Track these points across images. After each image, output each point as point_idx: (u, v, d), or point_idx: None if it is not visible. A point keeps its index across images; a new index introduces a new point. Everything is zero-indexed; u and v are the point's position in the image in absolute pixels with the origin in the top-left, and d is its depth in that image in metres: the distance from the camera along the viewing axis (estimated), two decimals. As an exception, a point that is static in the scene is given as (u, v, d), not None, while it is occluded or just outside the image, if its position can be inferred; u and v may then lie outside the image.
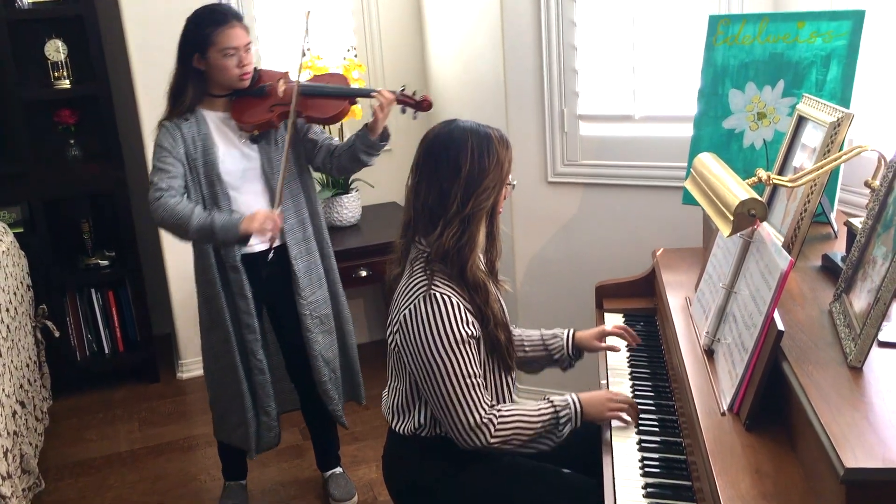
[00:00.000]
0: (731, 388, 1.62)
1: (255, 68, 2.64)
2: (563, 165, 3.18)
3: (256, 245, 2.62)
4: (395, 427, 1.96)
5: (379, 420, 3.49)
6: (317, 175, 3.59)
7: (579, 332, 2.16)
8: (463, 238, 1.83)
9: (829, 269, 1.88)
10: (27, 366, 3.07)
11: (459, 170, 1.81)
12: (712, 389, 1.70)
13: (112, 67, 3.82)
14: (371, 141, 2.62)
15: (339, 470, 3.04)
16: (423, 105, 2.67)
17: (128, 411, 3.77)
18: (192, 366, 4.03)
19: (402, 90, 2.66)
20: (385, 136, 2.65)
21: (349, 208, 3.76)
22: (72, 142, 3.89)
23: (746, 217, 1.61)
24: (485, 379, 1.90)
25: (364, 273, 3.57)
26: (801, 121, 2.07)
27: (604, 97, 3.09)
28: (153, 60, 3.64)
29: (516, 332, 2.17)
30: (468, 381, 1.82)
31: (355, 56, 3.80)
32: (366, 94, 2.72)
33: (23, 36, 3.71)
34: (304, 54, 2.67)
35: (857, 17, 2.16)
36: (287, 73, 2.69)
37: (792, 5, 2.61)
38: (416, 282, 1.85)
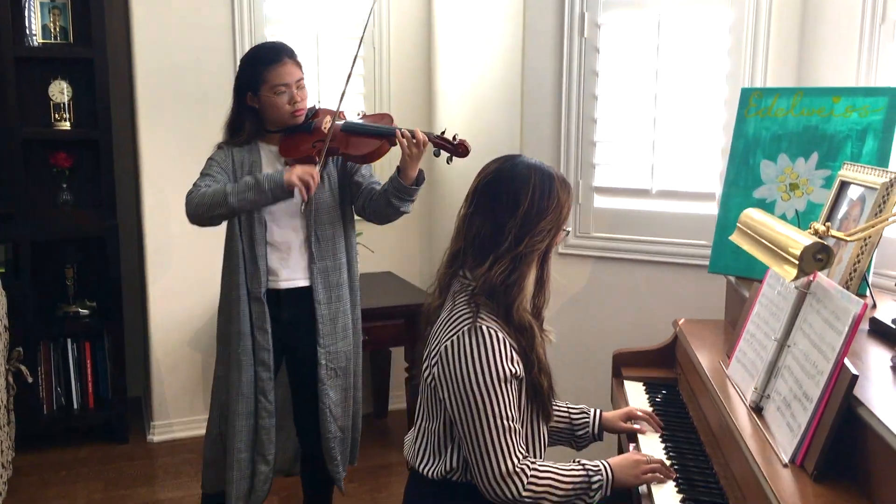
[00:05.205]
0: (793, 440, 1.54)
1: (314, 106, 2.61)
2: (575, 237, 3.14)
3: (283, 282, 2.56)
4: (423, 471, 1.82)
5: (372, 483, 3.33)
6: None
7: (606, 412, 2.07)
8: (512, 276, 1.75)
9: (878, 333, 1.83)
10: (-4, 409, 2.87)
11: (518, 206, 1.75)
12: (767, 444, 1.61)
13: (114, 114, 3.76)
14: (401, 185, 2.50)
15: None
16: (459, 149, 2.54)
17: (93, 471, 3.52)
18: (165, 428, 3.81)
19: (443, 133, 2.57)
20: (419, 181, 2.54)
21: (347, 272, 3.64)
22: (64, 186, 3.78)
23: (812, 262, 1.57)
24: (521, 426, 1.79)
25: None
26: (844, 186, 2.06)
27: (621, 170, 3.09)
28: (160, 110, 3.62)
29: None
30: (506, 423, 1.71)
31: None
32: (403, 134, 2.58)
33: (28, 74, 3.64)
34: (347, 81, 2.55)
35: (892, 94, 2.19)
36: (340, 111, 2.56)
37: (816, 80, 2.66)
38: (460, 313, 1.76)
